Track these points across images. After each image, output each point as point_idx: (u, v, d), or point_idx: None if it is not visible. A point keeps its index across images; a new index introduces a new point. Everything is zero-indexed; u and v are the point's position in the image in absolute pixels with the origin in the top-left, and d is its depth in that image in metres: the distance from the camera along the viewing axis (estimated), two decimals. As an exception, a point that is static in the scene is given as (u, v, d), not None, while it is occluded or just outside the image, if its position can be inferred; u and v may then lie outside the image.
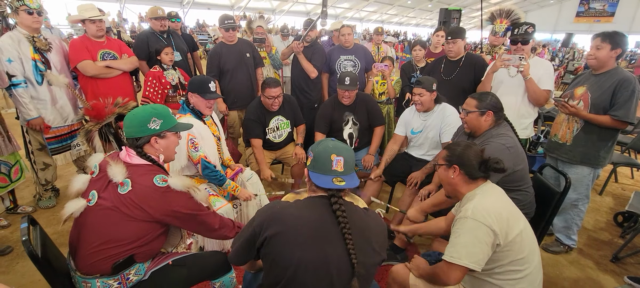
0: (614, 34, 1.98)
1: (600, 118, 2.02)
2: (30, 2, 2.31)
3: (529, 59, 2.35)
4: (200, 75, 2.17)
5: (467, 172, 1.33)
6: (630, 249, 2.44)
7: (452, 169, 1.36)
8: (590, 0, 23.83)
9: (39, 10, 2.37)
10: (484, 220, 1.21)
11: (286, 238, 1.02)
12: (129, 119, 1.33)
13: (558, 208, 1.78)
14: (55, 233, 2.35)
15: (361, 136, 2.82)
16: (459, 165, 1.34)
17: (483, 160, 1.32)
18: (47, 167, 2.65)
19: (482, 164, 1.32)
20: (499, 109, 1.78)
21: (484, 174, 1.33)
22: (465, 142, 1.40)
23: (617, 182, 3.72)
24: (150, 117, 1.32)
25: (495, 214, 1.22)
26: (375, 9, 22.97)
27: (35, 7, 2.33)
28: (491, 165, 1.31)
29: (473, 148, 1.35)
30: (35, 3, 2.34)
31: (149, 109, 1.35)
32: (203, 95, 1.99)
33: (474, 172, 1.32)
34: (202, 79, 2.05)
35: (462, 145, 1.38)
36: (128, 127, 1.33)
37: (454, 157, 1.36)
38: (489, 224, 1.20)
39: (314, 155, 1.12)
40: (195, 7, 16.50)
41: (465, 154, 1.34)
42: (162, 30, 3.25)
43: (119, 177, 1.20)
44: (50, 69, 2.45)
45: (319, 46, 3.32)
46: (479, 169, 1.32)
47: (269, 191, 2.52)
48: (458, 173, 1.35)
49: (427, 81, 2.33)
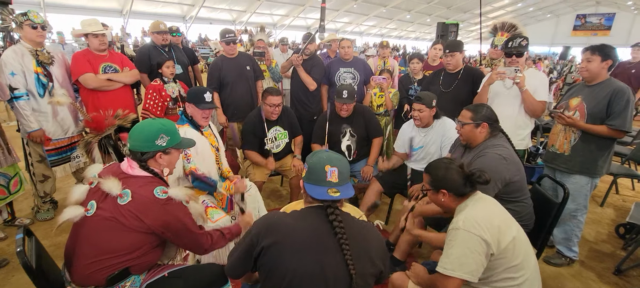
0: (603, 46, 2.02)
1: (598, 128, 2.04)
2: (34, 16, 2.37)
3: (524, 70, 2.39)
4: (197, 86, 2.20)
5: (455, 192, 1.35)
6: (632, 261, 2.40)
7: (441, 194, 1.38)
8: (587, 15, 24.23)
9: (43, 24, 2.42)
10: (475, 231, 1.21)
11: (282, 248, 1.02)
12: (137, 133, 1.34)
13: (557, 219, 1.77)
14: (51, 246, 2.34)
15: (359, 148, 2.83)
16: (445, 188, 1.36)
17: (466, 175, 1.34)
18: (46, 179, 2.66)
19: (466, 180, 1.34)
20: (494, 121, 1.80)
21: (471, 189, 1.35)
22: (444, 163, 1.41)
23: (618, 193, 3.70)
24: (158, 133, 1.33)
25: (486, 224, 1.23)
26: (374, 23, 23.36)
27: (39, 22, 2.38)
28: (475, 179, 1.32)
29: (453, 168, 1.36)
30: (39, 18, 2.39)
31: (158, 125, 1.36)
32: (198, 105, 1.99)
33: (462, 190, 1.34)
34: (199, 89, 2.07)
35: (441, 167, 1.39)
36: (134, 140, 1.33)
37: (438, 181, 1.38)
38: (480, 234, 1.21)
39: (309, 166, 1.13)
40: (198, 22, 16.82)
41: (448, 177, 1.35)
42: (163, 43, 3.31)
43: (115, 190, 1.21)
44: (52, 82, 2.49)
45: (318, 59, 3.37)
46: (464, 186, 1.33)
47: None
48: (447, 196, 1.37)
49: (427, 97, 2.34)
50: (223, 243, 1.49)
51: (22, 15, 2.36)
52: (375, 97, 3.38)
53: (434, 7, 21.10)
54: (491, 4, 20.80)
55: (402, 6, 20.09)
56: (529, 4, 22.28)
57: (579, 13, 24.55)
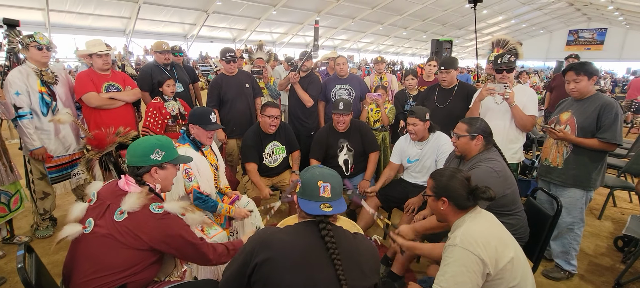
0: (584, 64, 2.10)
1: (589, 141, 2.08)
2: (40, 38, 2.45)
3: (513, 86, 2.45)
4: (200, 107, 2.26)
5: (456, 203, 1.33)
6: (632, 274, 2.40)
7: (441, 201, 1.36)
8: (579, 30, 24.76)
9: (49, 45, 2.50)
10: (472, 249, 1.19)
11: (275, 264, 1.04)
12: (133, 148, 1.38)
13: (552, 232, 1.79)
14: (50, 264, 2.33)
15: (356, 162, 2.86)
16: (447, 197, 1.34)
17: (471, 189, 1.32)
18: (46, 196, 2.68)
19: (470, 193, 1.32)
20: (489, 134, 1.84)
21: (473, 203, 1.33)
22: (450, 171, 1.39)
23: (615, 206, 3.71)
24: (154, 148, 1.37)
25: (483, 242, 1.20)
26: (372, 40, 23.80)
27: (44, 43, 2.46)
28: (479, 194, 1.30)
29: (458, 178, 1.34)
30: (44, 39, 2.48)
31: (154, 141, 1.40)
32: (204, 126, 2.06)
33: (463, 202, 1.32)
34: (203, 110, 2.13)
35: (446, 174, 1.37)
36: (131, 155, 1.37)
37: (440, 188, 1.36)
38: (477, 253, 1.19)
39: (302, 182, 1.15)
40: (199, 40, 17.15)
41: (451, 185, 1.33)
42: (165, 63, 3.39)
43: (137, 205, 1.23)
44: (56, 101, 2.55)
45: (314, 76, 3.45)
46: (467, 199, 1.31)
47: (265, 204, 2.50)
48: (447, 205, 1.35)
49: (420, 111, 2.41)
50: (227, 258, 1.48)
51: (28, 37, 2.44)
52: (371, 112, 3.45)
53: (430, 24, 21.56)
54: (485, 20, 21.27)
55: (398, 24, 20.53)
56: (522, 20, 22.79)
57: (571, 28, 25.08)
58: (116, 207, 1.26)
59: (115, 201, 1.28)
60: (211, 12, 14.73)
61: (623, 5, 16.82)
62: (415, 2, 17.28)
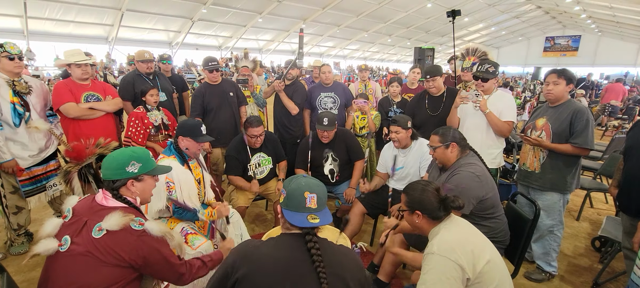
0: (566, 71, 2.18)
1: (562, 146, 2.16)
2: (11, 48, 2.36)
3: (493, 92, 2.53)
4: (190, 120, 2.24)
5: (430, 214, 1.38)
6: (609, 274, 2.49)
7: (415, 215, 1.41)
8: (555, 37, 25.81)
9: (20, 55, 2.42)
10: (449, 255, 1.22)
11: (257, 278, 1.01)
12: (108, 162, 1.34)
13: (531, 235, 1.84)
14: (25, 282, 2.24)
15: (342, 171, 2.88)
16: (420, 210, 1.39)
17: (441, 199, 1.37)
18: (20, 211, 2.56)
19: (441, 204, 1.37)
20: (462, 139, 1.91)
21: (445, 213, 1.38)
22: (421, 185, 1.44)
23: (592, 207, 3.85)
24: (129, 160, 1.34)
25: (460, 248, 1.24)
26: (358, 47, 24.12)
27: (16, 53, 2.38)
28: (449, 204, 1.36)
29: (429, 190, 1.40)
30: (15, 49, 2.39)
31: (129, 152, 1.37)
32: (196, 138, 2.06)
33: (436, 213, 1.37)
34: (194, 123, 2.12)
35: (418, 188, 1.42)
36: (106, 169, 1.33)
37: (413, 202, 1.41)
38: (454, 259, 1.22)
39: (287, 193, 1.12)
40: (184, 48, 16.95)
41: (423, 199, 1.38)
42: (148, 72, 3.34)
43: (117, 226, 1.19)
44: (29, 112, 2.46)
45: (299, 84, 3.47)
46: (439, 210, 1.37)
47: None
48: (421, 217, 1.40)
49: (402, 119, 2.45)
50: (204, 272, 1.47)
51: None
52: (357, 119, 3.48)
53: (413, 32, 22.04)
54: (467, 28, 21.91)
55: (383, 31, 20.90)
56: (501, 27, 23.60)
57: (548, 35, 26.12)
58: (94, 223, 1.21)
59: (93, 217, 1.24)
60: (196, 20, 14.61)
61: (594, 13, 17.65)
62: (398, 10, 17.65)
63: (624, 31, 19.95)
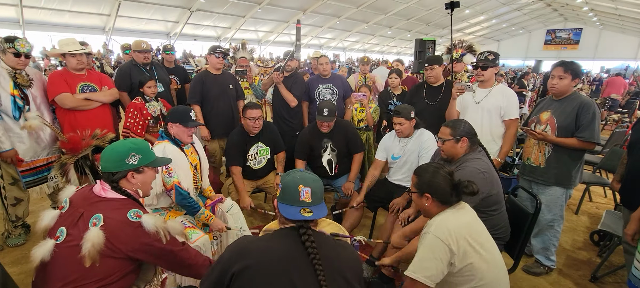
0: (573, 64, 2.13)
1: (568, 141, 2.12)
2: (21, 46, 2.32)
3: (495, 85, 2.50)
4: (179, 107, 2.21)
5: (440, 198, 1.34)
6: (607, 268, 2.49)
7: (425, 198, 1.37)
8: (556, 30, 25.62)
9: (28, 54, 2.38)
10: (443, 238, 1.22)
11: (254, 273, 1.00)
12: (107, 154, 1.32)
13: (531, 229, 1.83)
14: (21, 274, 2.22)
15: (340, 162, 2.85)
16: (430, 193, 1.35)
17: (454, 184, 1.33)
18: (18, 202, 2.54)
19: (454, 189, 1.33)
20: (473, 135, 1.86)
21: (457, 199, 1.34)
22: (433, 166, 1.40)
23: (591, 201, 3.85)
24: (129, 152, 1.31)
25: (456, 234, 1.23)
26: (357, 38, 23.90)
27: (24, 51, 2.34)
28: (462, 189, 1.32)
29: (441, 174, 1.35)
30: (25, 48, 2.34)
31: (129, 144, 1.34)
32: (185, 124, 2.03)
33: (447, 198, 1.33)
34: (183, 109, 2.10)
35: (430, 170, 1.38)
36: (105, 161, 1.31)
37: (423, 184, 1.37)
38: (448, 243, 1.21)
39: (282, 186, 1.13)
40: (182, 38, 16.76)
41: (434, 181, 1.34)
42: (145, 62, 3.29)
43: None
44: (28, 105, 2.43)
45: (298, 76, 3.43)
46: (450, 194, 1.32)
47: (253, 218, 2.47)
48: (431, 201, 1.36)
49: (405, 110, 2.41)
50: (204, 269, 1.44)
51: (6, 41, 2.30)
52: (356, 112, 3.45)
53: (414, 24, 21.81)
54: (468, 20, 21.70)
55: (383, 23, 20.67)
56: (502, 20, 23.39)
57: (549, 28, 25.92)
58: (90, 214, 1.19)
59: (89, 209, 1.22)
60: (195, 10, 14.41)
61: (597, 6, 17.50)
62: (399, 1, 17.43)
63: (625, 24, 19.81)
